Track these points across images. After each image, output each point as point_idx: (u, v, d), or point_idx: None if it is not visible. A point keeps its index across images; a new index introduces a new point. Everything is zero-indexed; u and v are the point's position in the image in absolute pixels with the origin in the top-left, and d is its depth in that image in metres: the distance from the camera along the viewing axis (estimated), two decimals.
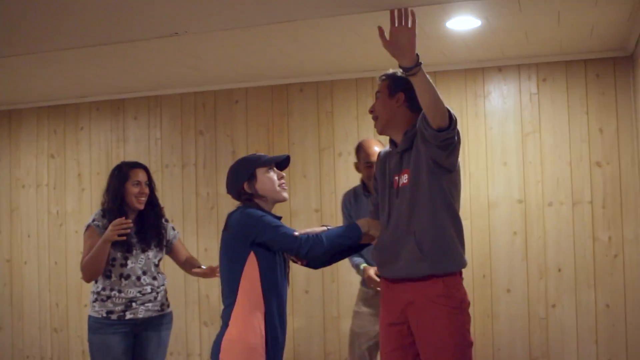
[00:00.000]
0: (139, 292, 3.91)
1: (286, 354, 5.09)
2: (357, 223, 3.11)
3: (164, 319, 4.06)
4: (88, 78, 5.24)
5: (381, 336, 3.13)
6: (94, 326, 3.92)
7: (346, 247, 3.11)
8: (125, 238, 3.76)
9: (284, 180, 3.20)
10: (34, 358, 6.05)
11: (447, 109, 2.75)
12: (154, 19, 3.69)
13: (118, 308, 3.88)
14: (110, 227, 3.72)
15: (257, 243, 3.07)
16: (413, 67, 2.68)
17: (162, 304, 4.04)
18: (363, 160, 4.09)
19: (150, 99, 5.78)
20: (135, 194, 3.92)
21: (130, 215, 3.95)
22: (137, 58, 4.62)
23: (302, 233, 3.04)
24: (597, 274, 4.67)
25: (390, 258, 3.01)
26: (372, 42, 4.34)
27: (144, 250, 3.96)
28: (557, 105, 4.78)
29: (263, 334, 3.08)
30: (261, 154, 3.22)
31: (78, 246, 5.89)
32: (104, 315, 3.88)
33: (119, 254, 3.87)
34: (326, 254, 3.08)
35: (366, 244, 3.20)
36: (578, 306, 4.70)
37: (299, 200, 5.24)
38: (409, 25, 2.69)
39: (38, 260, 6.08)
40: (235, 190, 3.20)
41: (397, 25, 2.69)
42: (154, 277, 3.99)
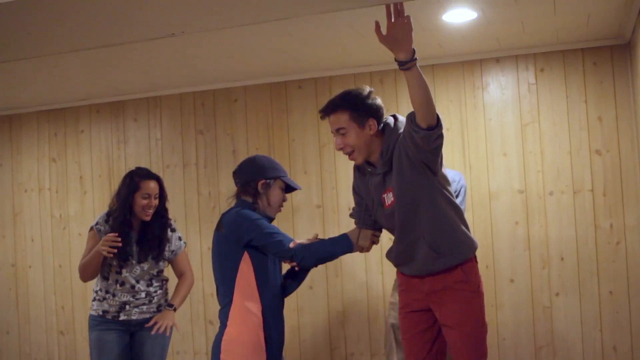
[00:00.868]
0: (133, 296, 3.95)
1: (291, 350, 5.14)
2: (347, 234, 3.18)
3: None
4: (87, 81, 5.25)
5: (401, 323, 3.25)
6: (92, 323, 4.00)
7: (337, 256, 3.21)
8: (112, 255, 3.76)
9: (283, 205, 3.34)
10: None
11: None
12: (151, 20, 3.70)
13: (113, 309, 3.94)
14: (101, 241, 3.74)
15: (251, 245, 3.11)
16: (409, 60, 2.68)
17: (159, 305, 4.05)
18: None
19: (150, 99, 5.79)
20: (143, 206, 3.91)
21: (135, 223, 3.96)
22: (135, 60, 4.63)
23: (296, 243, 3.09)
24: (600, 262, 4.68)
25: (406, 260, 3.12)
26: (369, 37, 4.34)
27: (140, 262, 3.96)
28: (555, 94, 4.78)
29: (262, 330, 3.11)
30: (284, 170, 3.32)
31: (82, 249, 5.83)
32: (101, 313, 3.96)
33: (115, 262, 3.90)
34: (317, 263, 3.15)
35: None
36: (582, 294, 4.72)
37: (300, 196, 5.25)
38: (405, 19, 2.67)
39: (42, 264, 6.10)
40: (248, 179, 3.24)
41: (393, 20, 2.67)
42: (149, 285, 4.00)
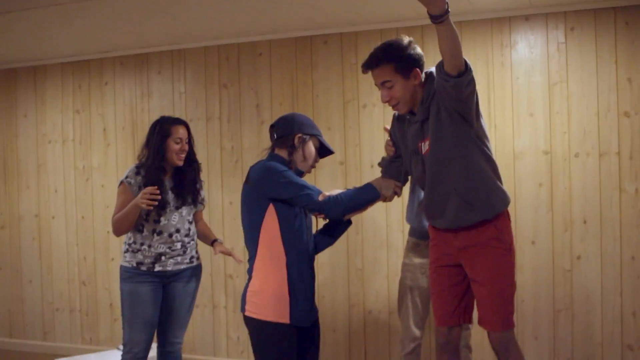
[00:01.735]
0: (169, 247, 3.95)
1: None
2: (371, 183, 3.23)
3: (193, 272, 4.11)
4: (111, 32, 5.24)
5: (431, 277, 3.28)
6: (124, 275, 3.98)
7: (363, 206, 3.22)
8: (152, 207, 3.78)
9: (316, 165, 3.36)
10: (63, 310, 6.18)
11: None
12: None
13: (148, 260, 3.93)
14: (140, 194, 3.75)
15: (277, 199, 3.10)
16: (443, 14, 2.62)
17: (192, 257, 4.08)
18: None
19: (174, 52, 5.78)
20: (176, 151, 3.94)
21: (167, 171, 3.98)
22: (160, 10, 4.60)
23: (325, 196, 3.10)
24: (623, 226, 4.63)
25: (438, 213, 3.12)
26: None
27: (177, 208, 3.99)
28: (585, 54, 4.69)
29: (286, 283, 3.11)
30: (320, 131, 3.34)
31: (105, 200, 5.96)
32: (134, 265, 3.94)
33: (153, 212, 3.90)
34: (345, 214, 3.17)
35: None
36: (603, 258, 4.67)
37: None
38: None
39: (65, 215, 6.16)
40: (286, 132, 3.25)
41: None
42: (186, 234, 4.03)
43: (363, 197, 3.17)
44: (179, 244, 3.99)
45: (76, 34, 5.25)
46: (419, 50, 3.05)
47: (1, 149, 6.45)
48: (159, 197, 3.75)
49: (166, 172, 3.98)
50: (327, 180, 5.22)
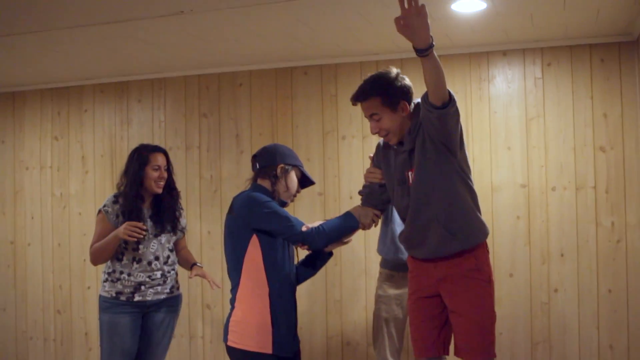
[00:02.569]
0: (149, 276, 3.92)
1: None
2: (350, 211, 3.26)
3: (172, 302, 4.09)
4: (92, 60, 5.23)
5: (410, 309, 3.30)
6: (103, 305, 3.95)
7: (345, 235, 3.24)
8: (135, 240, 3.76)
9: (297, 195, 3.38)
10: (37, 339, 6.08)
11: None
12: None
13: (127, 290, 3.90)
14: (125, 226, 3.72)
15: (260, 229, 3.11)
16: (428, 48, 2.67)
17: (172, 287, 4.06)
18: None
19: (155, 81, 5.78)
20: (154, 179, 3.93)
21: (146, 199, 3.97)
22: (142, 39, 4.60)
23: (308, 227, 3.12)
24: (600, 259, 4.67)
25: (419, 243, 3.16)
26: (378, 26, 4.34)
27: (156, 236, 3.97)
28: (561, 89, 4.76)
29: (268, 313, 3.12)
30: (301, 162, 3.39)
31: (82, 228, 5.90)
32: (114, 295, 3.90)
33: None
34: (327, 244, 3.19)
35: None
36: (580, 291, 4.71)
37: None
38: (419, 5, 2.64)
39: (41, 242, 6.09)
40: (268, 162, 3.26)
41: (407, 7, 2.64)
42: (166, 262, 4.00)
43: (344, 226, 3.20)
44: (158, 273, 3.96)
45: (56, 61, 5.24)
46: (407, 82, 3.09)
47: None
48: (144, 234, 3.74)
49: (144, 200, 3.96)
50: (306, 211, 5.22)
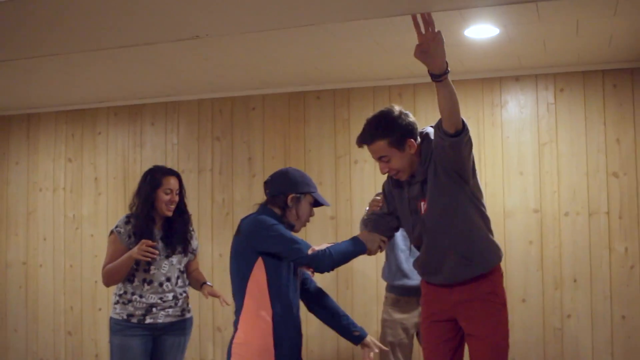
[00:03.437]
0: (160, 298, 3.91)
1: None
2: (358, 237, 3.23)
3: (184, 324, 4.07)
4: (106, 83, 5.29)
5: (424, 333, 3.29)
6: (115, 328, 3.93)
7: (351, 259, 3.22)
8: (148, 259, 3.77)
9: (310, 219, 3.36)
10: None
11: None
12: (175, 21, 3.72)
13: (138, 312, 3.89)
14: (138, 246, 3.73)
15: (266, 252, 3.11)
16: (443, 73, 2.69)
17: (183, 310, 4.05)
18: None
19: (168, 104, 5.82)
20: (165, 202, 3.93)
21: (157, 220, 3.98)
22: (156, 63, 4.65)
23: (314, 250, 3.11)
24: (613, 285, 4.64)
25: (435, 270, 3.15)
26: (392, 53, 4.37)
27: (168, 257, 3.96)
28: (574, 115, 4.77)
29: (271, 336, 3.10)
30: (315, 185, 3.36)
31: (93, 250, 5.92)
32: (125, 317, 3.89)
33: (142, 261, 3.88)
34: (333, 267, 3.16)
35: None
36: (594, 317, 4.68)
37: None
38: (436, 30, 2.65)
39: (53, 264, 6.11)
40: (278, 191, 3.26)
41: (424, 32, 2.66)
42: (177, 284, 4.00)
43: (351, 251, 3.18)
44: (170, 295, 3.95)
45: (71, 84, 5.29)
46: (411, 119, 3.06)
47: None
48: (156, 254, 3.76)
49: (156, 222, 3.98)
50: (318, 235, 5.22)
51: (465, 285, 3.10)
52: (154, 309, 3.90)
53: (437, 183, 3.01)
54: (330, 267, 3.13)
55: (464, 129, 2.82)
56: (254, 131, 5.55)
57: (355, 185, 5.24)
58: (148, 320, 3.89)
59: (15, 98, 5.84)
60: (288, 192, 3.24)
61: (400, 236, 4.10)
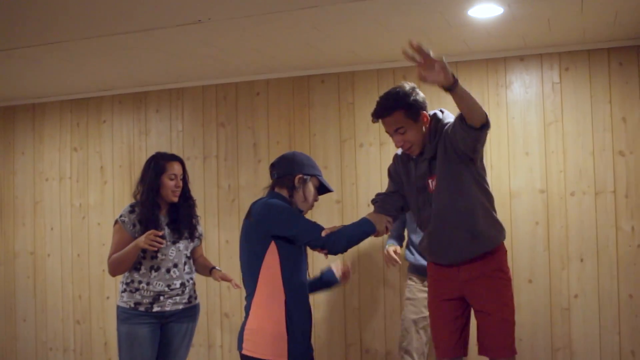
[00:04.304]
0: (168, 286, 3.92)
1: None
2: (366, 217, 3.28)
3: (191, 312, 4.09)
4: (110, 71, 5.28)
5: (433, 311, 3.42)
6: (122, 316, 3.95)
7: (362, 239, 3.27)
8: (155, 249, 3.78)
9: (315, 204, 3.39)
10: (57, 350, 6.11)
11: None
12: (177, 6, 3.72)
13: (146, 300, 3.90)
14: (145, 235, 3.74)
15: (279, 236, 3.11)
16: (453, 84, 2.78)
17: (190, 297, 4.06)
18: None
19: (172, 91, 5.82)
20: (171, 187, 3.95)
21: (163, 207, 3.99)
22: (159, 49, 4.64)
23: (327, 232, 3.13)
24: (620, 264, 4.64)
25: (442, 249, 3.28)
26: (395, 32, 4.35)
27: (174, 243, 3.98)
28: (579, 94, 4.75)
29: (284, 322, 3.09)
30: (320, 170, 3.39)
31: (101, 238, 5.94)
32: (132, 306, 3.90)
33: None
34: (347, 248, 3.19)
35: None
36: (600, 296, 4.67)
37: None
38: (429, 58, 2.74)
39: (61, 253, 6.13)
40: (286, 172, 3.27)
41: (420, 61, 2.75)
42: (184, 270, 4.01)
43: (362, 231, 3.22)
44: (177, 282, 3.96)
45: (75, 72, 5.29)
46: (422, 95, 3.22)
47: None
48: (163, 243, 3.77)
49: (161, 208, 3.99)
50: (324, 219, 5.21)
51: (472, 264, 3.22)
52: (161, 297, 3.91)
53: (447, 164, 3.13)
54: (344, 248, 3.17)
55: (487, 122, 2.94)
56: (258, 116, 5.55)
57: (360, 168, 5.23)
58: (156, 309, 3.91)
59: (19, 88, 5.84)
60: (295, 172, 3.25)
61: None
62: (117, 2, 3.65)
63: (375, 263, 5.14)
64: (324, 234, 3.11)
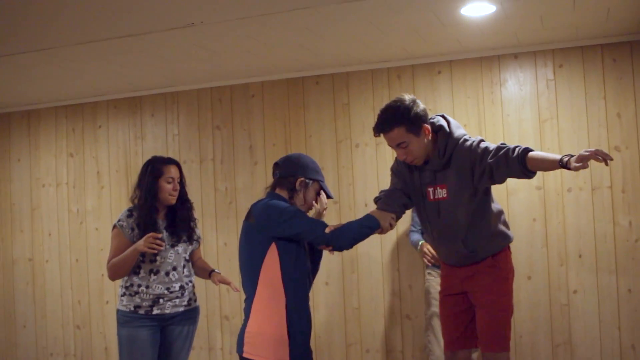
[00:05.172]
0: (167, 288, 3.92)
1: None
2: (370, 214, 3.27)
3: (191, 314, 4.08)
4: (104, 76, 5.28)
5: (441, 304, 3.59)
6: (122, 320, 3.94)
7: (367, 236, 3.24)
8: (155, 252, 3.79)
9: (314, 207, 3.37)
10: (57, 355, 6.11)
11: None
12: (170, 9, 3.72)
13: (145, 303, 3.90)
14: (144, 238, 3.74)
15: (280, 237, 3.09)
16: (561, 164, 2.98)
17: (190, 299, 4.06)
18: None
19: (167, 95, 5.82)
20: (168, 191, 3.94)
21: (160, 210, 3.99)
22: (153, 53, 4.64)
23: (331, 229, 3.11)
24: (619, 259, 4.64)
25: (444, 255, 3.52)
26: (388, 33, 4.36)
27: (173, 246, 3.97)
28: (574, 91, 4.76)
29: (285, 325, 3.08)
30: (323, 176, 3.38)
31: (99, 243, 5.94)
32: (132, 309, 3.90)
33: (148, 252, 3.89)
34: (352, 245, 3.19)
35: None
36: (600, 292, 4.68)
37: None
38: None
39: (59, 259, 6.13)
40: (289, 173, 3.26)
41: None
42: (183, 273, 4.01)
43: (367, 227, 3.20)
44: (177, 285, 3.96)
45: (69, 78, 5.28)
46: (422, 106, 3.21)
47: None
48: (162, 245, 3.77)
49: (159, 212, 3.99)
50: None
51: (472, 266, 3.38)
52: (160, 300, 3.91)
53: (462, 182, 3.21)
54: (350, 244, 3.15)
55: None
56: (254, 119, 5.55)
57: (357, 169, 5.23)
58: (155, 311, 3.91)
59: (14, 95, 5.83)
60: (298, 175, 3.23)
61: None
62: (109, 7, 3.64)
63: (374, 262, 5.14)
64: (328, 230, 3.08)
